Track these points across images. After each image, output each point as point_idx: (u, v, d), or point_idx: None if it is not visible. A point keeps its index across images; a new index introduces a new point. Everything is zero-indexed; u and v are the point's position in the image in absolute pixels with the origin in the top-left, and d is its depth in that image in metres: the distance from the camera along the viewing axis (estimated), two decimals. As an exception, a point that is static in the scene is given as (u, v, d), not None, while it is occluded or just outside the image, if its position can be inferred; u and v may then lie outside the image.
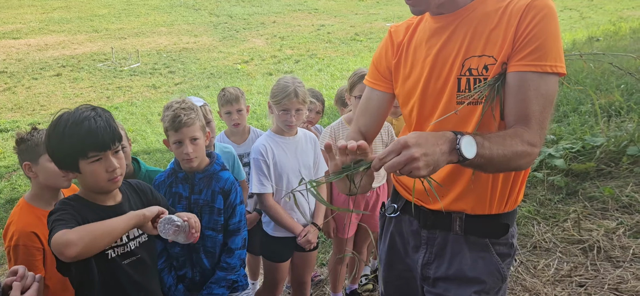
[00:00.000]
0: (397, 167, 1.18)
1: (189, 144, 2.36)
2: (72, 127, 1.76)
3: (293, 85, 2.72)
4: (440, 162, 1.23)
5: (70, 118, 1.78)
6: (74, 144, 1.76)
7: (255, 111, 8.67)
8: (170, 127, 2.36)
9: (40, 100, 10.28)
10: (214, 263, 2.50)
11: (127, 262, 1.93)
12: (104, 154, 1.80)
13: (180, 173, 2.45)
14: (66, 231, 1.66)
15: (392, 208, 1.83)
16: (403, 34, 1.71)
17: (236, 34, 16.60)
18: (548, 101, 1.42)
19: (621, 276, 3.21)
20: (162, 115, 2.44)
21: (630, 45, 9.12)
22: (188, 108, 2.39)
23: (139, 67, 12.72)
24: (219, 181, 2.45)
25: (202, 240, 2.44)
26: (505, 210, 1.63)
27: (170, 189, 2.46)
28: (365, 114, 1.80)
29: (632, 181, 4.20)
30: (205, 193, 2.44)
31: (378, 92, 1.77)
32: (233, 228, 2.50)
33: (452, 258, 1.67)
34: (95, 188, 1.86)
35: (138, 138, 7.80)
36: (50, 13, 20.09)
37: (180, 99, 2.45)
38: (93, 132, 1.76)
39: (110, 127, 1.81)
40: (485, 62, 1.48)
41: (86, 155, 1.78)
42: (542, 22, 1.41)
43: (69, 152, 1.78)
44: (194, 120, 2.38)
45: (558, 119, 5.75)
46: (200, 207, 2.44)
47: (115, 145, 1.83)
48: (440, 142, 1.23)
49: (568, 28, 14.06)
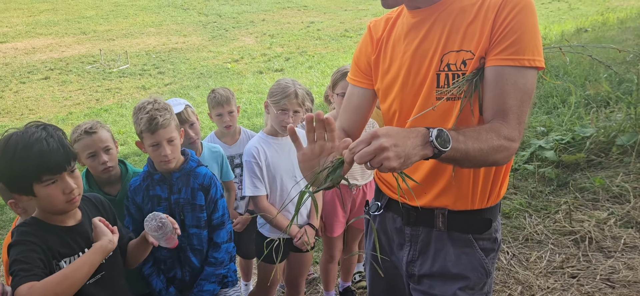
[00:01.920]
0: (367, 157, 1.16)
1: (166, 146, 2.32)
2: (23, 150, 1.66)
3: (294, 87, 2.70)
4: (412, 155, 1.20)
5: (20, 140, 1.68)
6: (25, 168, 1.67)
7: (246, 110, 8.64)
8: (146, 129, 2.30)
9: (28, 104, 10.19)
10: (202, 260, 2.48)
11: (92, 281, 1.85)
12: (59, 176, 1.72)
13: (156, 174, 2.40)
14: (29, 287, 1.59)
15: (375, 206, 1.82)
16: (382, 29, 1.70)
17: (226, 33, 16.53)
18: (526, 95, 1.41)
19: (613, 267, 3.23)
20: (135, 118, 2.37)
21: (617, 36, 9.17)
22: (162, 108, 2.34)
23: (128, 68, 12.63)
24: (196, 177, 2.43)
25: (187, 238, 2.42)
26: (488, 205, 1.63)
27: (148, 192, 2.40)
28: (347, 111, 1.79)
29: (622, 171, 4.23)
30: (185, 192, 2.40)
31: (360, 89, 1.76)
32: (217, 223, 2.48)
33: (436, 255, 1.66)
34: (52, 210, 1.78)
35: (128, 140, 7.74)
36: (37, 16, 19.91)
37: (152, 99, 2.38)
38: (46, 154, 1.67)
39: (63, 147, 1.72)
40: (463, 57, 1.47)
41: (40, 179, 1.69)
42: (519, 16, 1.40)
43: (21, 177, 1.70)
44: (169, 120, 2.33)
45: (548, 111, 5.78)
46: (181, 206, 2.40)
47: (71, 165, 1.75)
48: (411, 135, 1.22)
49: (557, 19, 14.12)
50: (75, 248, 1.83)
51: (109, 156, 2.41)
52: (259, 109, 8.70)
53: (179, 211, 2.40)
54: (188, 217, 2.42)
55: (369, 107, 1.78)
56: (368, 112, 1.79)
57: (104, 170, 2.41)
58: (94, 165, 2.40)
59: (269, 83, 10.50)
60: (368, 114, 1.80)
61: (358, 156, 1.17)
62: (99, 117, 9.09)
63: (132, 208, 2.41)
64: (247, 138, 3.23)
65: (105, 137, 2.43)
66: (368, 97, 1.76)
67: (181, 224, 2.37)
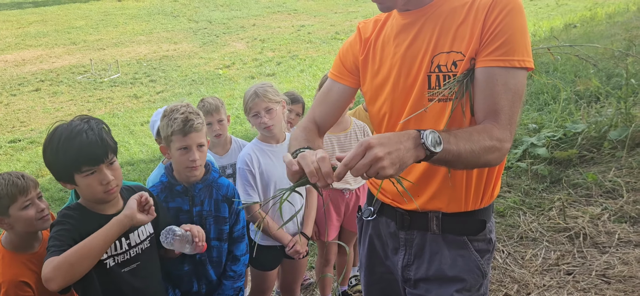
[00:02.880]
0: (364, 170, 1.17)
1: (196, 151, 2.24)
2: (65, 142, 1.80)
3: (253, 88, 2.72)
4: (406, 159, 1.21)
5: (64, 132, 1.81)
6: (67, 159, 1.80)
7: (238, 116, 8.61)
8: (180, 130, 2.21)
9: (20, 117, 10.12)
10: (219, 273, 2.43)
11: (128, 270, 1.96)
12: (97, 168, 1.83)
13: (178, 186, 2.31)
14: (49, 262, 1.72)
15: (368, 211, 1.82)
16: (371, 30, 1.70)
17: (216, 39, 16.50)
18: (517, 96, 1.42)
19: (608, 262, 3.24)
20: (166, 119, 2.27)
21: (606, 30, 9.24)
22: (195, 112, 2.29)
23: (119, 78, 12.58)
24: (220, 189, 2.37)
25: (208, 251, 2.34)
26: (481, 206, 1.63)
27: (167, 204, 2.31)
28: (323, 104, 1.78)
29: (614, 165, 4.25)
30: (208, 203, 2.34)
31: (340, 85, 1.75)
32: (238, 235, 2.44)
33: (431, 258, 1.66)
34: (92, 199, 1.90)
35: (121, 150, 7.71)
36: (26, 27, 19.81)
37: (185, 103, 2.33)
38: (85, 147, 1.79)
39: (102, 140, 1.83)
40: (453, 58, 1.47)
41: (80, 169, 1.81)
42: (509, 17, 1.41)
43: (64, 167, 1.83)
44: (202, 125, 2.28)
45: (539, 108, 5.80)
46: (204, 219, 2.34)
47: (109, 158, 1.86)
48: (403, 139, 1.22)
49: (546, 16, 14.21)
50: None
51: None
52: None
53: (201, 224, 2.31)
54: (212, 230, 2.36)
55: (345, 103, 1.79)
56: (343, 108, 1.80)
57: None
58: None
59: (261, 89, 10.48)
60: (343, 110, 1.81)
61: (355, 170, 1.18)
62: (91, 127, 9.04)
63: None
64: (238, 148, 3.20)
65: None
66: (347, 94, 1.76)
67: None
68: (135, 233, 2.00)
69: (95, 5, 23.77)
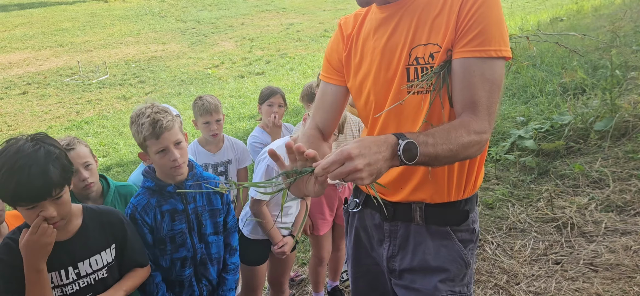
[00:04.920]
0: (341, 177, 1.19)
1: (174, 149, 2.13)
2: (5, 174, 1.64)
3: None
4: (383, 168, 1.23)
5: (7, 162, 1.65)
6: (5, 194, 1.68)
7: (228, 115, 8.62)
8: (151, 135, 2.10)
9: (7, 120, 10.03)
10: (219, 269, 2.39)
11: None
12: (37, 204, 1.69)
13: (169, 187, 2.20)
14: None
15: (354, 203, 1.83)
16: (352, 26, 1.71)
17: (205, 39, 16.46)
18: (495, 86, 1.42)
19: (595, 251, 3.28)
20: (135, 127, 2.17)
21: (592, 23, 9.31)
22: (162, 110, 2.16)
23: (108, 79, 12.51)
24: (208, 182, 2.31)
25: (208, 248, 2.30)
26: (464, 197, 1.64)
27: (160, 208, 2.20)
28: (321, 109, 1.79)
29: (600, 156, 4.31)
30: (200, 198, 2.27)
31: (332, 86, 1.76)
32: (231, 225, 2.40)
33: (415, 249, 1.67)
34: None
35: (111, 152, 7.67)
36: (12, 30, 19.62)
37: (149, 104, 2.22)
38: (23, 184, 1.63)
39: (45, 177, 1.66)
40: (430, 50, 1.48)
41: (18, 204, 1.71)
42: (483, 7, 1.42)
43: (4, 198, 1.75)
44: (172, 122, 2.15)
45: (526, 100, 5.85)
46: (200, 215, 2.27)
47: (53, 195, 1.70)
48: (382, 148, 1.23)
49: (533, 10, 14.30)
50: (55, 265, 1.82)
51: (89, 172, 2.34)
52: (242, 113, 8.68)
53: (198, 220, 2.26)
54: (208, 224, 2.30)
55: (342, 103, 1.79)
56: (341, 108, 1.80)
57: (85, 187, 2.33)
58: (74, 182, 2.26)
59: (251, 88, 10.49)
60: (341, 110, 1.81)
61: (332, 175, 1.20)
62: (80, 129, 8.99)
63: (145, 229, 2.18)
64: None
65: (84, 152, 2.35)
66: (341, 94, 1.77)
67: (201, 234, 2.29)
68: (86, 262, 1.88)
69: (82, 7, 23.61)
